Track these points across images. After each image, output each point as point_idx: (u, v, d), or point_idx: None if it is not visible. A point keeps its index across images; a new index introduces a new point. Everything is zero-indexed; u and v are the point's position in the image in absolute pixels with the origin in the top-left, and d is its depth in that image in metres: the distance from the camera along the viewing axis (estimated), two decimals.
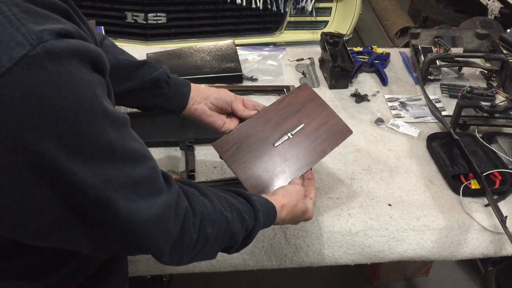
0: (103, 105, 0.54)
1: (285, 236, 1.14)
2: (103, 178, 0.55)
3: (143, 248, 0.66)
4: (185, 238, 0.70)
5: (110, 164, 0.56)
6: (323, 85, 1.68)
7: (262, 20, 2.38)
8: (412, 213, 1.20)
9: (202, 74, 1.63)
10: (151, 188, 0.63)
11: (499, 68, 1.72)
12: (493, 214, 1.20)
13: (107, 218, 0.58)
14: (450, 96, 1.68)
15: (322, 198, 1.22)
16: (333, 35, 1.76)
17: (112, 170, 0.56)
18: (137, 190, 0.60)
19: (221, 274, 1.19)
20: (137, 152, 0.61)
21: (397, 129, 1.49)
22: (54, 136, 0.50)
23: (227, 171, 1.25)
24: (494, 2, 2.83)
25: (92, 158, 0.54)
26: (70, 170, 0.52)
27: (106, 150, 0.55)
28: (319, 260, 1.18)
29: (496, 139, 1.46)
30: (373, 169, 1.34)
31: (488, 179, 1.30)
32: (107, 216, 0.58)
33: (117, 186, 0.57)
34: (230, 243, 0.81)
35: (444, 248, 1.20)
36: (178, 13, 2.24)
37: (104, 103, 0.55)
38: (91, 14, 2.17)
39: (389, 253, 1.18)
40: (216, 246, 0.78)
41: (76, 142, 0.52)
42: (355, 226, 1.16)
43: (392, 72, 1.79)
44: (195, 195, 0.75)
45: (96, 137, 0.53)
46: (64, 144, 0.51)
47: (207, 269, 1.15)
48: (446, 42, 1.85)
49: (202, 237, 0.73)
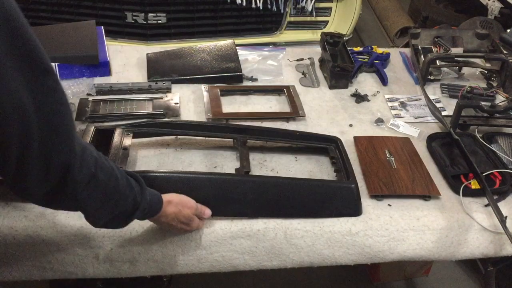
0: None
1: (285, 237, 1.14)
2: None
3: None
4: (83, 169, 0.77)
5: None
6: (323, 85, 1.68)
7: (262, 20, 2.38)
8: (412, 213, 1.20)
9: (202, 74, 1.63)
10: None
11: (499, 68, 1.72)
12: (493, 214, 1.20)
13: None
14: (450, 96, 1.68)
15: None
16: (333, 35, 1.76)
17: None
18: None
19: (221, 274, 1.19)
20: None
21: (397, 129, 1.49)
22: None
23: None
24: (494, 2, 2.83)
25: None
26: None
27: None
28: (319, 260, 1.18)
29: (496, 139, 1.46)
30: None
31: (488, 179, 1.30)
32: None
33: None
34: (119, 206, 0.87)
35: (444, 248, 1.20)
36: (178, 13, 2.25)
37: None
38: (91, 14, 2.17)
39: (389, 253, 1.18)
40: (106, 197, 0.84)
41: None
42: (355, 226, 1.16)
43: (392, 72, 1.79)
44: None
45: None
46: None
47: (207, 269, 1.15)
48: (446, 42, 1.85)
49: (96, 174, 0.79)
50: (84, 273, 1.11)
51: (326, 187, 1.19)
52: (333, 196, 1.17)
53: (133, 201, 0.89)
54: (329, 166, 1.33)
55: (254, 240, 1.13)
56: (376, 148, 1.36)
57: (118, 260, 1.10)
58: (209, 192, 1.11)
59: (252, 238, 1.13)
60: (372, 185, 1.24)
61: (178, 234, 1.10)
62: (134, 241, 1.09)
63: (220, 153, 1.34)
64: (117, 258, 1.10)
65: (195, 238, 1.11)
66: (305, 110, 1.52)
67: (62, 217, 1.09)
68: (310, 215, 1.16)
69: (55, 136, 0.70)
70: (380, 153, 1.35)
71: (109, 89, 1.53)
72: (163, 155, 1.31)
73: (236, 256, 1.14)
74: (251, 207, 1.14)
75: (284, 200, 1.15)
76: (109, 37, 2.04)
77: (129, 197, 0.88)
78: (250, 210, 1.14)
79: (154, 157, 1.31)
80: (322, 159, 1.36)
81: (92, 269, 1.11)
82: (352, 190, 1.18)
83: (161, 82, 1.57)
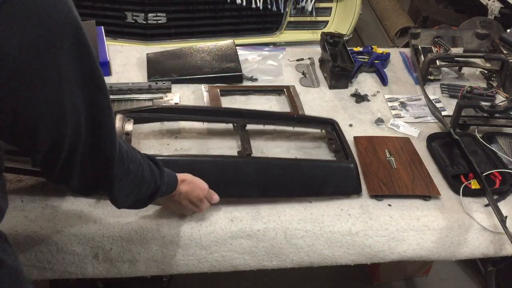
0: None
1: (285, 237, 1.14)
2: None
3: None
4: (120, 163, 0.85)
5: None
6: (323, 85, 1.68)
7: (262, 20, 2.38)
8: (412, 213, 1.20)
9: (202, 74, 1.63)
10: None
11: (499, 68, 1.72)
12: (493, 214, 1.20)
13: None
14: (450, 96, 1.68)
15: (322, 198, 1.22)
16: (333, 35, 1.76)
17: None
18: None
19: (221, 274, 1.19)
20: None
21: (397, 129, 1.49)
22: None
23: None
24: (494, 2, 2.83)
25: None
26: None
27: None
28: (319, 260, 1.18)
29: (496, 139, 1.46)
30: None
31: (488, 179, 1.30)
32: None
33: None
34: (143, 191, 0.94)
35: (444, 248, 1.20)
36: (178, 13, 2.24)
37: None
38: (91, 14, 2.16)
39: (389, 253, 1.18)
40: (134, 185, 0.91)
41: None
42: (355, 226, 1.16)
43: (392, 72, 1.79)
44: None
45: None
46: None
47: (207, 269, 1.15)
48: (446, 42, 1.85)
49: (128, 167, 0.87)
50: (84, 273, 1.11)
51: (327, 166, 1.23)
52: (334, 175, 1.21)
53: (154, 184, 0.96)
54: (327, 149, 1.37)
55: (254, 240, 1.13)
56: (376, 148, 1.36)
57: (118, 260, 1.10)
58: (213, 175, 1.13)
59: (252, 238, 1.13)
60: (372, 185, 1.24)
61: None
62: (134, 241, 1.10)
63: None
64: (117, 258, 1.10)
65: (195, 238, 1.11)
66: (305, 110, 1.52)
67: (62, 217, 1.09)
68: (312, 194, 1.20)
69: (101, 135, 0.79)
70: (380, 153, 1.35)
71: (109, 89, 1.53)
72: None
73: (236, 256, 1.14)
74: (254, 188, 1.16)
75: (287, 181, 1.18)
76: (109, 37, 2.04)
77: (152, 182, 0.95)
78: (254, 191, 1.17)
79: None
80: (320, 142, 1.40)
81: (92, 269, 1.11)
82: (352, 169, 1.22)
83: (161, 82, 1.57)
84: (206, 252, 1.13)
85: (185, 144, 1.35)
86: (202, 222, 1.13)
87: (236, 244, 1.13)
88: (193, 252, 1.12)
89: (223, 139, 1.38)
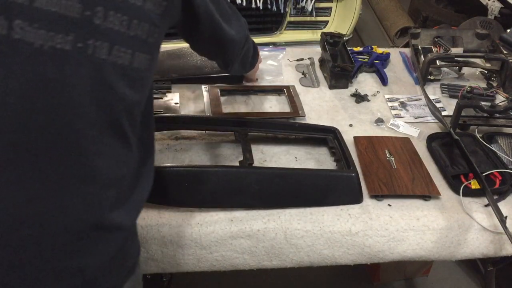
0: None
1: (285, 237, 1.14)
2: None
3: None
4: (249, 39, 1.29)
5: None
6: (323, 85, 1.69)
7: (262, 20, 2.38)
8: (412, 213, 1.20)
9: (202, 74, 1.63)
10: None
11: (499, 68, 1.72)
12: (493, 214, 1.20)
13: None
14: (450, 96, 1.68)
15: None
16: (333, 35, 1.76)
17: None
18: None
19: (221, 274, 1.19)
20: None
21: (397, 129, 1.49)
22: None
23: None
24: (494, 2, 2.83)
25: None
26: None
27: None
28: (319, 260, 1.18)
29: (496, 139, 1.46)
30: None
31: (488, 179, 1.29)
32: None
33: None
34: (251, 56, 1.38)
35: (444, 248, 1.20)
36: None
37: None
38: None
39: (389, 253, 1.18)
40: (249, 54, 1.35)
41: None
42: (355, 226, 1.16)
43: (392, 72, 1.79)
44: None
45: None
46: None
47: (207, 268, 1.15)
48: (446, 42, 1.85)
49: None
50: None
51: (329, 176, 1.23)
52: (336, 185, 1.20)
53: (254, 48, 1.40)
54: (328, 156, 1.35)
55: (254, 240, 1.13)
56: (376, 148, 1.36)
57: None
58: (215, 185, 1.13)
59: (252, 238, 1.13)
60: (372, 185, 1.24)
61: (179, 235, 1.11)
62: None
63: (221, 148, 1.35)
64: None
65: (195, 238, 1.11)
66: (305, 110, 1.52)
67: None
68: (313, 204, 1.19)
69: (236, 20, 1.13)
70: (380, 153, 1.35)
71: None
72: (163, 152, 1.32)
73: (236, 256, 1.14)
74: (256, 198, 1.16)
75: (288, 190, 1.18)
76: None
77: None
78: (256, 201, 1.16)
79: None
80: (322, 149, 1.38)
81: None
82: (353, 179, 1.21)
83: (161, 82, 1.57)
84: (206, 252, 1.13)
85: (185, 144, 1.35)
86: (202, 222, 1.13)
87: (236, 244, 1.13)
88: (193, 252, 1.12)
89: (223, 140, 1.38)
